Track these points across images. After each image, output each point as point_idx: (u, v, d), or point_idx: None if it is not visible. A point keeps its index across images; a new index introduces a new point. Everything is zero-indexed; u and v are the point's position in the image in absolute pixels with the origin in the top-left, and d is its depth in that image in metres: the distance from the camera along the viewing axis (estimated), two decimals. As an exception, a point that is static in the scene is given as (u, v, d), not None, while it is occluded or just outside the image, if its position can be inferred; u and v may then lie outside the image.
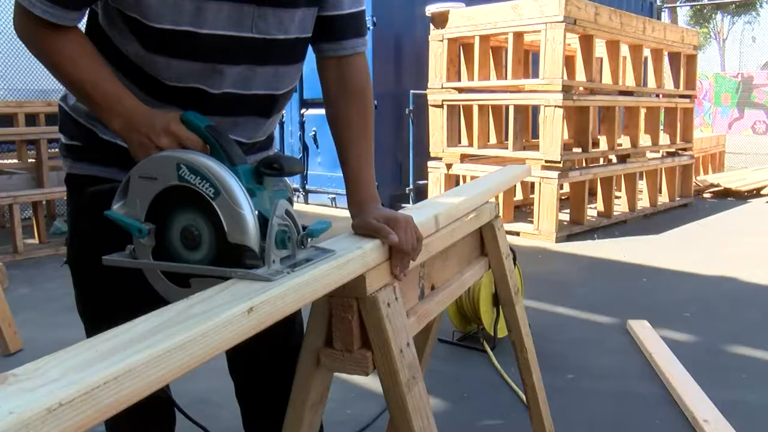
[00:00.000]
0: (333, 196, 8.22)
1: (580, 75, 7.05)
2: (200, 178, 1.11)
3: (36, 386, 0.68)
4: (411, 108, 7.90)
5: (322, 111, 6.53)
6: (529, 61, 8.22)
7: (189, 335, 0.83)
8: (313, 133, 8.36)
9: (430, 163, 7.56)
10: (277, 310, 1.00)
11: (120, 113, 1.25)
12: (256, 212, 1.12)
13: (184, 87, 1.37)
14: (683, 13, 35.02)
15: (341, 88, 1.55)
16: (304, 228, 1.18)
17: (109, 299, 1.48)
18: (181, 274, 1.19)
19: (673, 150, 8.62)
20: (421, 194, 7.78)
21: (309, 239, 1.19)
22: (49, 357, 0.75)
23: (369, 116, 1.57)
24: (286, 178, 1.24)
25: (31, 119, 7.40)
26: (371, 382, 3.16)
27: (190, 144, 1.20)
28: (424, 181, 7.77)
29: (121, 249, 1.25)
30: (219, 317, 0.89)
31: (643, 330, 3.79)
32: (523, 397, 2.96)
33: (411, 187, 8.03)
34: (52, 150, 6.41)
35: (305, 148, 8.53)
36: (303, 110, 8.43)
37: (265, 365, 1.67)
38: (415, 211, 1.56)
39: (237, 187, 1.11)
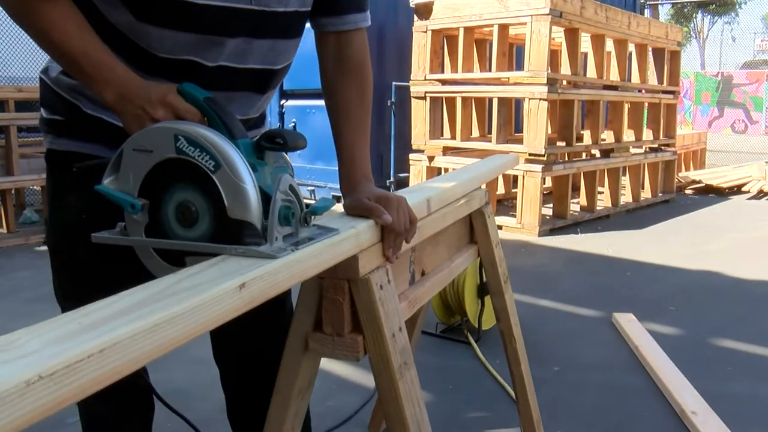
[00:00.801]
0: (312, 188, 8.15)
1: (565, 69, 7.03)
2: (200, 151, 1.05)
3: (13, 358, 0.62)
4: (393, 100, 7.85)
5: (302, 102, 6.45)
6: (513, 54, 8.18)
7: (178, 309, 0.77)
8: (293, 124, 8.27)
9: (411, 156, 7.51)
10: (269, 287, 0.95)
11: (113, 84, 1.18)
12: (258, 187, 1.07)
13: (177, 59, 1.31)
14: (664, 11, 35.23)
15: (339, 64, 1.50)
16: (307, 205, 1.13)
17: (92, 282, 1.41)
18: (175, 252, 1.13)
19: (656, 146, 8.64)
20: (402, 186, 7.67)
21: (312, 217, 1.14)
22: (26, 329, 0.70)
23: (366, 94, 1.52)
24: (286, 155, 1.18)
25: (0, 105, 7.23)
26: (352, 374, 3.12)
27: (188, 116, 1.13)
28: (406, 174, 7.73)
29: (108, 227, 1.19)
30: (209, 292, 0.83)
31: (628, 323, 3.77)
32: (509, 388, 2.93)
33: (392, 179, 7.98)
34: (22, 138, 6.27)
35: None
36: (283, 101, 8.34)
37: (254, 349, 1.62)
38: (407, 194, 1.51)
39: (239, 160, 1.05)
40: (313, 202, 1.12)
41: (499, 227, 6.56)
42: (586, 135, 7.56)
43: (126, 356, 0.70)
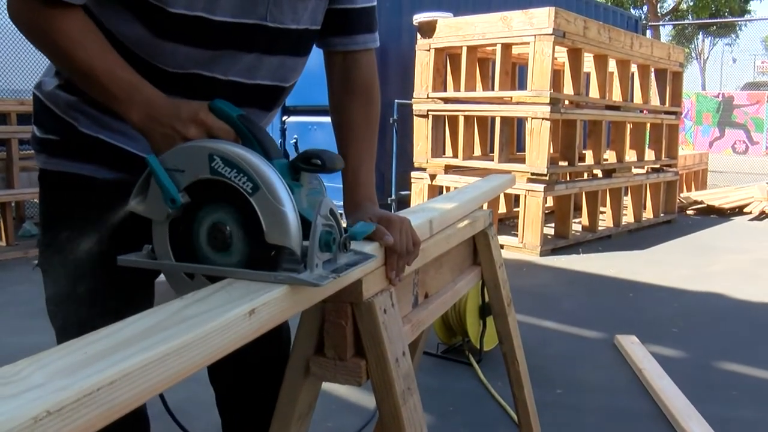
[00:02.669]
0: (314, 204, 8.13)
1: (568, 89, 7.02)
2: (236, 172, 1.00)
3: (18, 392, 0.59)
4: (395, 117, 7.84)
5: (303, 118, 6.46)
6: (516, 73, 8.18)
7: (189, 337, 0.74)
8: (295, 140, 8.26)
9: (413, 174, 7.50)
10: (277, 312, 0.92)
11: (139, 104, 1.14)
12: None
13: (186, 74, 1.28)
14: (666, 32, 35.40)
15: (346, 84, 1.49)
16: (345, 229, 1.08)
17: (85, 306, 1.38)
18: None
19: (658, 166, 8.62)
20: (403, 205, 7.70)
21: (350, 242, 1.09)
22: (29, 359, 0.66)
23: (373, 115, 1.50)
24: (320, 176, 1.13)
25: (2, 118, 7.21)
26: (352, 394, 3.08)
27: (221, 134, 1.09)
28: (407, 192, 7.71)
29: (103, 250, 1.15)
30: (220, 319, 0.80)
31: (631, 345, 3.73)
32: (511, 411, 2.89)
33: (393, 197, 7.96)
34: (24, 150, 6.27)
35: (286, 156, 8.38)
36: (285, 117, 8.34)
37: (250, 373, 1.58)
38: (409, 215, 1.48)
39: (278, 182, 1.00)
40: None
41: (501, 246, 6.51)
42: (588, 155, 7.55)
43: (136, 388, 0.67)
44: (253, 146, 1.07)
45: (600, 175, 7.82)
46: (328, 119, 1.53)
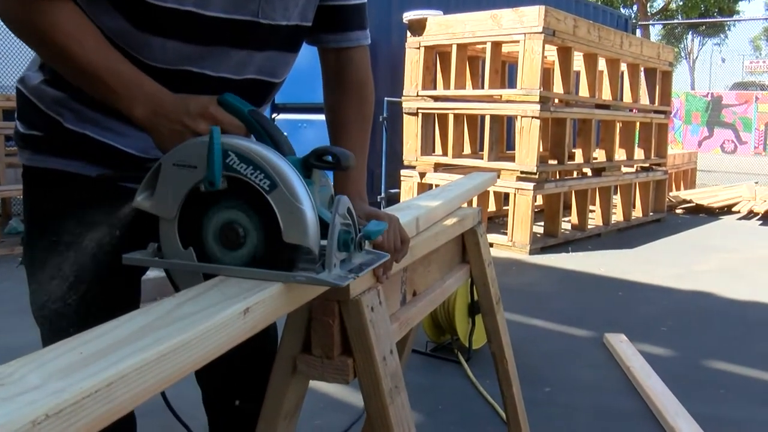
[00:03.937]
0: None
1: (558, 87, 7.03)
2: (253, 168, 0.97)
3: (14, 394, 0.57)
4: (385, 115, 7.82)
5: (293, 116, 6.43)
6: (505, 72, 8.18)
7: (186, 337, 0.73)
8: (285, 138, 8.23)
9: (403, 172, 7.49)
10: (271, 311, 0.91)
11: (143, 99, 1.11)
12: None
13: (175, 70, 1.25)
14: (655, 32, 35.52)
15: (340, 81, 1.49)
16: (359, 229, 1.07)
17: (70, 304, 1.36)
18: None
19: (647, 165, 8.64)
20: (392, 203, 7.69)
21: (365, 241, 1.08)
22: (23, 360, 0.65)
23: (366, 113, 1.50)
24: (327, 174, 1.11)
25: (-13, 114, 7.17)
26: (340, 392, 3.07)
27: (232, 129, 1.07)
28: (397, 190, 7.70)
29: (90, 247, 1.13)
30: (215, 318, 0.79)
31: (620, 343, 3.74)
32: (499, 409, 2.89)
33: (383, 195, 7.95)
34: (10, 147, 6.23)
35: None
36: (274, 115, 8.31)
37: (237, 371, 1.57)
38: (395, 212, 1.47)
39: (297, 179, 0.98)
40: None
41: (490, 245, 6.51)
42: (578, 154, 7.56)
43: (134, 389, 0.66)
44: (266, 142, 1.04)
45: (589, 173, 7.83)
46: (318, 117, 1.52)
